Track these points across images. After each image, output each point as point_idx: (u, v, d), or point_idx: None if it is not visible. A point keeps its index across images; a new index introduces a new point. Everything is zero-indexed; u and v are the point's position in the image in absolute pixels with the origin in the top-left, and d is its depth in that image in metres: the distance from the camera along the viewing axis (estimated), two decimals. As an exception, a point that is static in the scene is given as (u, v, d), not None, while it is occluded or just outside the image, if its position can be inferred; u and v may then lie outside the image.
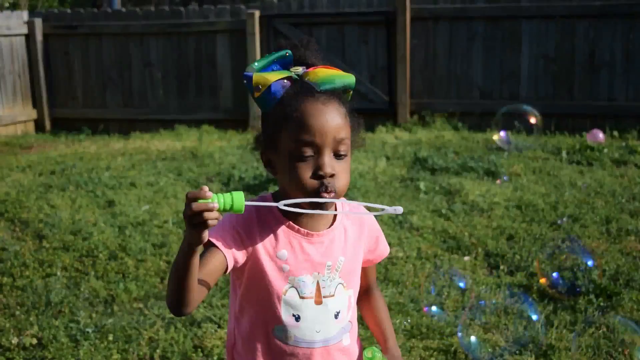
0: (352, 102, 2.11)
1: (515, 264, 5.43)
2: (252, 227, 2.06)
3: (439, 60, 11.06)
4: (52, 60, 12.33)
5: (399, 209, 1.99)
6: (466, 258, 5.62)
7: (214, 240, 1.99)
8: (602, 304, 4.69)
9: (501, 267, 5.40)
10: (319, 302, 2.11)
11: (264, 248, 2.06)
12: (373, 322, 2.40)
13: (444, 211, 6.58)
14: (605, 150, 8.72)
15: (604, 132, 9.64)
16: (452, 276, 4.78)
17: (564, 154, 8.70)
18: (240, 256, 2.04)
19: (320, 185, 1.97)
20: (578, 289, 4.81)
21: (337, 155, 2.02)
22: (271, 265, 2.06)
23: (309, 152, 1.98)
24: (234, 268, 2.05)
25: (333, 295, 2.13)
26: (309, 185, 1.98)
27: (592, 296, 4.74)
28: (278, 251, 2.07)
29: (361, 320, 2.45)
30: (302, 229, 2.10)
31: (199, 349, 4.30)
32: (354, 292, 2.22)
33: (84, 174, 8.28)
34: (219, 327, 4.53)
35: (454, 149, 9.10)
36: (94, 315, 4.79)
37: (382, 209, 2.00)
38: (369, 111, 10.77)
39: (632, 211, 6.49)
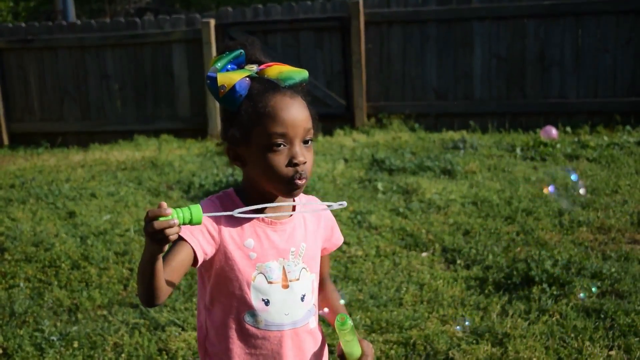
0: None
1: (472, 258, 5.56)
2: (219, 220, 2.18)
3: (393, 63, 11.21)
4: (7, 74, 12.28)
5: (344, 203, 2.19)
6: (424, 254, 5.74)
7: (182, 235, 2.09)
8: (555, 292, 4.84)
9: (458, 261, 5.54)
10: (285, 286, 2.25)
11: (231, 238, 2.19)
12: (330, 311, 2.52)
13: (401, 210, 6.70)
14: (558, 145, 8.92)
15: (557, 129, 9.84)
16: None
17: (518, 150, 8.88)
18: (209, 249, 2.16)
19: (295, 172, 2.13)
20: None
21: (305, 143, 2.17)
22: (239, 254, 2.19)
23: (281, 143, 2.12)
24: (204, 261, 2.16)
25: (298, 279, 2.27)
26: (284, 173, 2.13)
27: (545, 285, 4.89)
28: (245, 240, 2.20)
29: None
30: (265, 219, 2.23)
31: (164, 352, 4.36)
32: (316, 277, 2.36)
33: (44, 186, 8.28)
34: (183, 329, 4.61)
35: (410, 149, 9.24)
36: (58, 323, 4.83)
37: (330, 206, 2.21)
38: (327, 116, 10.87)
39: (584, 203, 6.66)
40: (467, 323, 4.45)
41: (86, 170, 9.32)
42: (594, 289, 4.78)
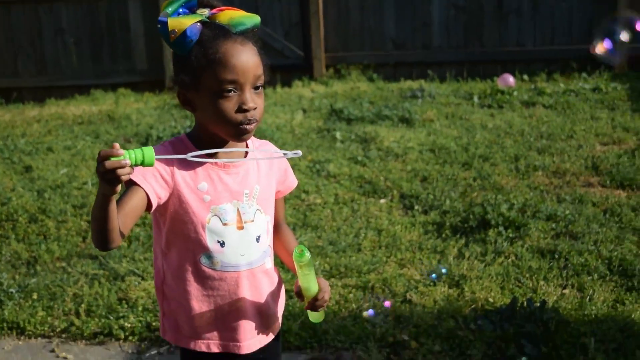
0: (267, 57, 2.26)
1: (429, 203, 5.62)
2: (172, 164, 2.19)
3: (352, 13, 11.14)
4: (-42, 30, 12.01)
5: (299, 152, 2.19)
6: (382, 201, 5.79)
7: (135, 180, 2.10)
8: (510, 235, 4.92)
9: (416, 207, 5.59)
10: (240, 227, 2.27)
11: (184, 182, 2.20)
12: (286, 255, 2.54)
13: (360, 158, 6.73)
14: (515, 93, 8.98)
15: (514, 77, 9.89)
16: None
17: (475, 98, 8.93)
18: (163, 193, 2.17)
19: (244, 118, 2.14)
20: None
21: (255, 89, 2.18)
22: (193, 197, 2.21)
23: (231, 89, 2.13)
24: (158, 205, 2.17)
25: (253, 221, 2.29)
26: (234, 119, 2.14)
27: (501, 228, 4.97)
28: (198, 184, 2.22)
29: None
30: (218, 162, 2.24)
31: (124, 301, 4.38)
32: (270, 219, 2.39)
33: (-1, 141, 8.19)
34: (143, 279, 4.62)
35: (369, 99, 9.24)
36: (17, 276, 4.82)
37: (285, 154, 2.20)
38: (285, 67, 10.82)
39: (540, 148, 6.74)
40: (443, 270, 4.48)
41: (42, 125, 9.19)
42: None
